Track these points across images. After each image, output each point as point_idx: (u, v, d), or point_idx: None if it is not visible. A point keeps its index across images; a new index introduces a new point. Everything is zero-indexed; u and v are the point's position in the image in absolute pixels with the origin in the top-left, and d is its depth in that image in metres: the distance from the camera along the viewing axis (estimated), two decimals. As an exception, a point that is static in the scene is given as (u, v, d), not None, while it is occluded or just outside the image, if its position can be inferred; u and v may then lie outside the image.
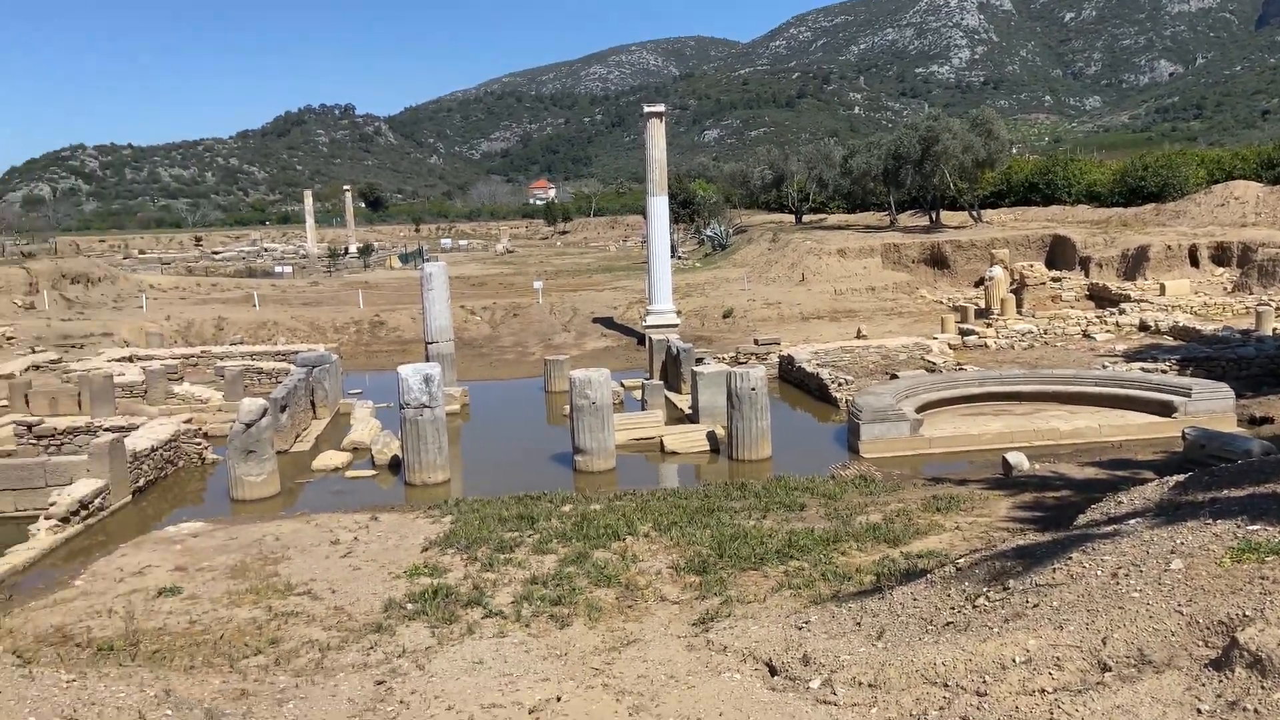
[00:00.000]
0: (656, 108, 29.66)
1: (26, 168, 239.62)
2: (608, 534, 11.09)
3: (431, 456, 16.81)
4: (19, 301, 36.29)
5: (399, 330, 34.45)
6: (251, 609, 9.04)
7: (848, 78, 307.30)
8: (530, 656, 7.58)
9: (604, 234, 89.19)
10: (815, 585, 8.93)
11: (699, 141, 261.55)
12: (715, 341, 30.46)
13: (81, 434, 17.91)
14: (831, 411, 21.33)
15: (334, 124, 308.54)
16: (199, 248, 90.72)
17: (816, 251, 40.41)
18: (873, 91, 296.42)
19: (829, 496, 12.74)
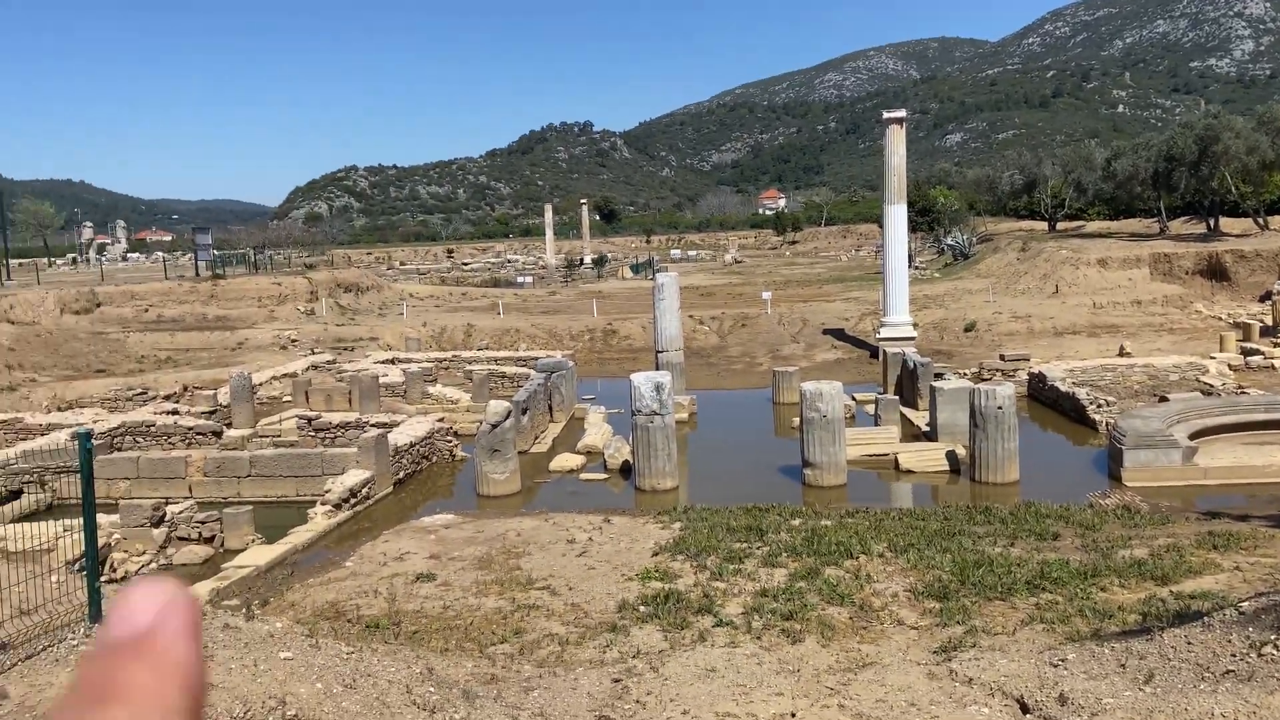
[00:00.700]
0: (896, 113, 28.78)
1: (308, 188, 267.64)
2: (840, 551, 10.80)
3: (661, 463, 17.09)
4: (301, 308, 40.48)
5: (630, 339, 35.40)
6: (497, 599, 9.53)
7: (1111, 74, 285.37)
8: (763, 669, 7.50)
9: (835, 243, 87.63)
10: (1071, 621, 8.28)
11: (940, 146, 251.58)
12: (955, 356, 29.09)
13: (351, 429, 19.66)
14: (1089, 435, 19.78)
15: (573, 140, 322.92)
16: (450, 259, 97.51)
17: (1073, 261, 37.69)
18: (1139, 88, 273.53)
19: (1086, 526, 11.79)
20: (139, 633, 0.35)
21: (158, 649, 0.34)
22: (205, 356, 32.25)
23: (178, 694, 0.34)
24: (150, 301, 38.43)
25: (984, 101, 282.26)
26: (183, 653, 0.34)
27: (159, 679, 0.34)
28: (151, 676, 0.34)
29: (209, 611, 7.64)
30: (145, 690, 0.33)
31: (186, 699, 0.34)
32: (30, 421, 21.66)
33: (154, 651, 0.34)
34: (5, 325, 31.49)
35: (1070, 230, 53.37)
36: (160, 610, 0.35)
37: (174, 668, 0.34)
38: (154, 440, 20.02)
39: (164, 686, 0.34)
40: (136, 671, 0.34)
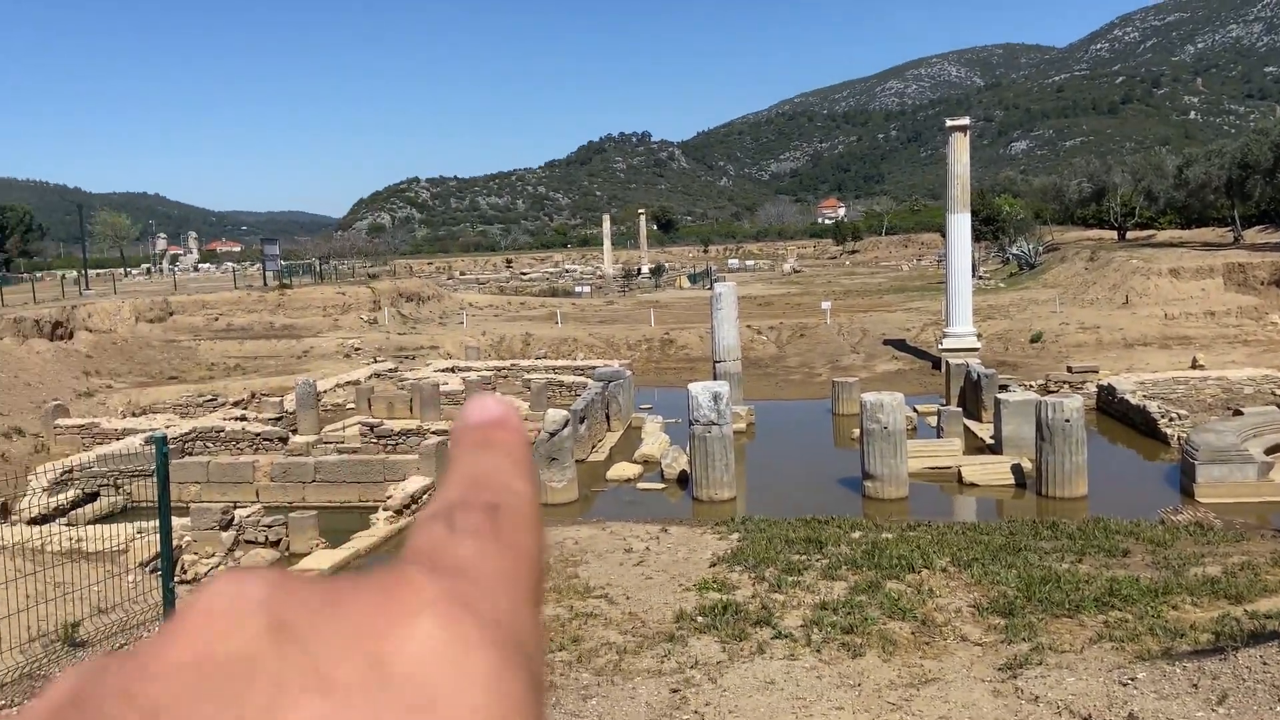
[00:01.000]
0: (960, 121, 28.39)
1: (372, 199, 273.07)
2: (901, 565, 10.65)
3: (719, 473, 17.05)
4: (365, 317, 41.27)
5: (687, 348, 35.38)
6: (555, 607, 9.59)
7: (1182, 80, 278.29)
8: (823, 683, 7.43)
9: (895, 253, 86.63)
10: (1141, 639, 8.05)
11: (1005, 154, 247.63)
12: (1021, 368, 28.53)
13: (413, 436, 19.98)
14: (1160, 449, 19.24)
15: (631, 151, 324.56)
16: (509, 269, 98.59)
17: (1143, 271, 36.75)
18: (1212, 94, 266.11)
19: (1157, 543, 11.46)
20: (496, 416, 0.43)
21: (512, 424, 0.42)
22: (272, 364, 33.05)
23: (529, 453, 0.42)
24: (220, 310, 39.53)
25: (1050, 108, 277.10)
26: (524, 431, 0.43)
27: (522, 444, 0.42)
28: (516, 439, 0.42)
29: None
30: (513, 448, 0.41)
31: (533, 470, 0.42)
32: (106, 426, 22.42)
33: (513, 427, 0.42)
34: (84, 333, 32.65)
35: (1141, 239, 52.08)
36: (507, 407, 0.44)
37: (524, 436, 0.43)
38: (223, 445, 20.57)
39: (521, 443, 0.42)
40: (504, 435, 0.42)
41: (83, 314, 33.60)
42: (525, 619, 0.37)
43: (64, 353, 30.31)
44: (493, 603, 0.36)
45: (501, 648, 0.34)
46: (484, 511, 0.39)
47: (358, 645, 0.32)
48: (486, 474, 0.41)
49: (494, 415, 0.43)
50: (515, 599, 0.37)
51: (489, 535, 0.39)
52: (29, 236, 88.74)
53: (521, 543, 0.39)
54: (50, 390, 26.49)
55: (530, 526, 0.40)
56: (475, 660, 0.33)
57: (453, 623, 0.34)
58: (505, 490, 0.41)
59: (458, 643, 0.33)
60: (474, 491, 0.40)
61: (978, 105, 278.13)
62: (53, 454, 21.58)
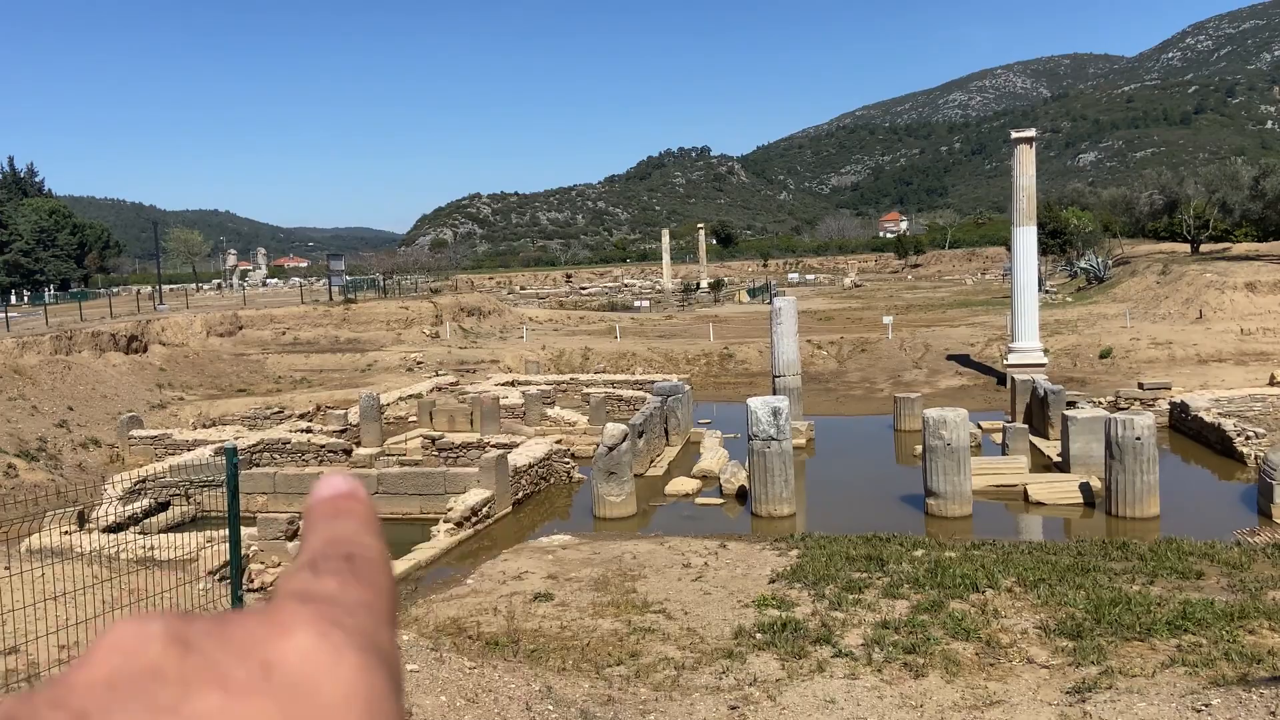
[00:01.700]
0: (1026, 132, 27.91)
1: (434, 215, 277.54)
2: (965, 584, 10.44)
3: (778, 489, 16.93)
4: (427, 331, 41.91)
5: (746, 363, 35.22)
6: (613, 621, 9.60)
7: (1258, 89, 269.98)
8: (884, 703, 7.32)
9: (959, 267, 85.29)
10: (1216, 664, 7.78)
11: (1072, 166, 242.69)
12: (1089, 384, 27.84)
13: (473, 449, 20.21)
14: (1236, 468, 18.61)
15: (690, 165, 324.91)
16: (569, 284, 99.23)
17: (1218, 285, 35.64)
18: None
19: (1233, 565, 11.07)
20: (345, 490, 0.51)
21: (361, 497, 0.51)
22: (337, 377, 33.73)
23: (376, 524, 0.51)
24: (287, 325, 40.50)
25: (1120, 119, 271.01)
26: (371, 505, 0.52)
27: (367, 510, 0.51)
28: (362, 507, 0.50)
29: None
30: (360, 513, 0.50)
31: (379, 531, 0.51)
32: (178, 437, 23.09)
33: (359, 498, 0.51)
34: (158, 347, 33.70)
35: (1215, 252, 50.53)
36: (353, 481, 0.52)
37: (370, 505, 0.51)
38: (289, 457, 21.04)
39: (368, 511, 0.51)
40: (351, 504, 0.50)
41: (157, 328, 34.70)
42: (385, 634, 0.46)
43: (139, 366, 31.32)
44: (356, 620, 0.45)
45: (366, 651, 0.43)
46: (342, 559, 0.48)
47: (248, 653, 0.41)
48: (340, 534, 0.49)
49: (342, 489, 0.51)
50: (375, 619, 0.46)
51: (348, 574, 0.47)
52: (107, 253, 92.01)
53: (376, 580, 0.48)
54: (125, 402, 27.39)
55: (382, 569, 0.49)
56: (346, 659, 0.42)
57: (324, 633, 0.43)
58: (358, 544, 0.49)
59: (330, 647, 0.43)
60: (331, 546, 0.48)
61: (1044, 116, 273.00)
62: (127, 464, 22.30)
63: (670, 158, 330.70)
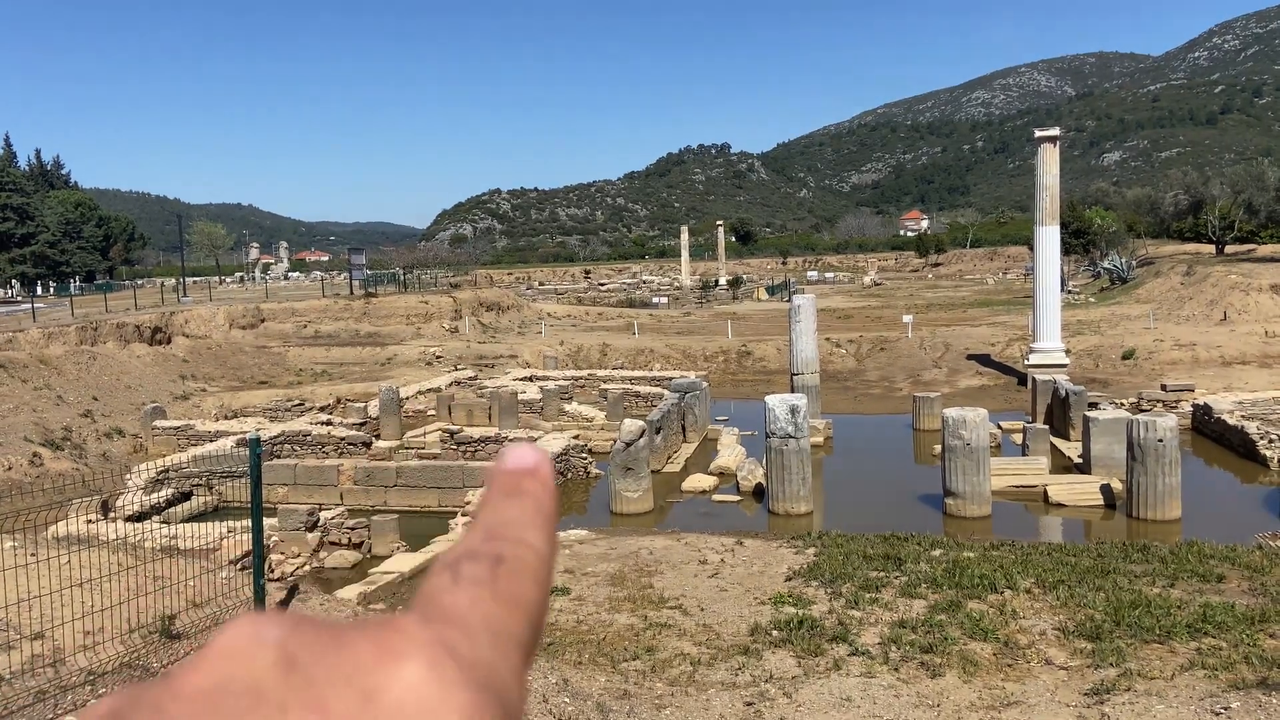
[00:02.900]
0: (1049, 131, 27.71)
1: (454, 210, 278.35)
2: (983, 585, 10.40)
3: (795, 487, 16.91)
4: (446, 326, 42.09)
5: (764, 360, 35.18)
6: (629, 616, 9.63)
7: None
8: (901, 701, 7.31)
9: (980, 266, 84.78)
10: (1236, 668, 7.72)
11: (1096, 165, 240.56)
12: (1111, 385, 27.65)
13: (491, 443, 20.29)
14: (1259, 471, 18.45)
15: (710, 162, 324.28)
16: (587, 280, 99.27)
17: (1243, 286, 35.28)
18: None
19: (1254, 569, 10.97)
20: (530, 465, 0.48)
21: (542, 475, 0.48)
22: (357, 370, 33.93)
23: (554, 504, 0.48)
24: (309, 318, 40.77)
25: (1145, 118, 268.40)
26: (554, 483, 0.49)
27: (546, 494, 0.48)
28: (542, 490, 0.48)
29: (360, 612, 8.03)
30: (536, 498, 0.47)
31: (557, 512, 0.48)
32: (200, 429, 23.31)
33: (541, 478, 0.48)
34: (181, 339, 34.02)
35: (1240, 254, 50.01)
36: (541, 456, 0.49)
37: (552, 488, 0.49)
38: (309, 449, 21.20)
39: (548, 495, 0.48)
40: (531, 484, 0.48)
41: (180, 320, 35.02)
42: (507, 666, 0.42)
43: (162, 357, 31.63)
44: (477, 649, 0.41)
45: (479, 689, 0.39)
46: (488, 562, 0.44)
47: (353, 680, 0.38)
48: (504, 524, 0.46)
49: (528, 463, 0.48)
50: (501, 647, 0.42)
51: (487, 585, 0.43)
52: (131, 245, 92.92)
53: (519, 594, 0.43)
54: (149, 393, 27.67)
55: (533, 579, 0.44)
56: (453, 697, 0.39)
57: (436, 664, 0.39)
58: (517, 543, 0.45)
59: (438, 681, 0.39)
60: (486, 542, 0.45)
61: (1068, 115, 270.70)
62: (150, 454, 22.54)
63: (690, 154, 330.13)
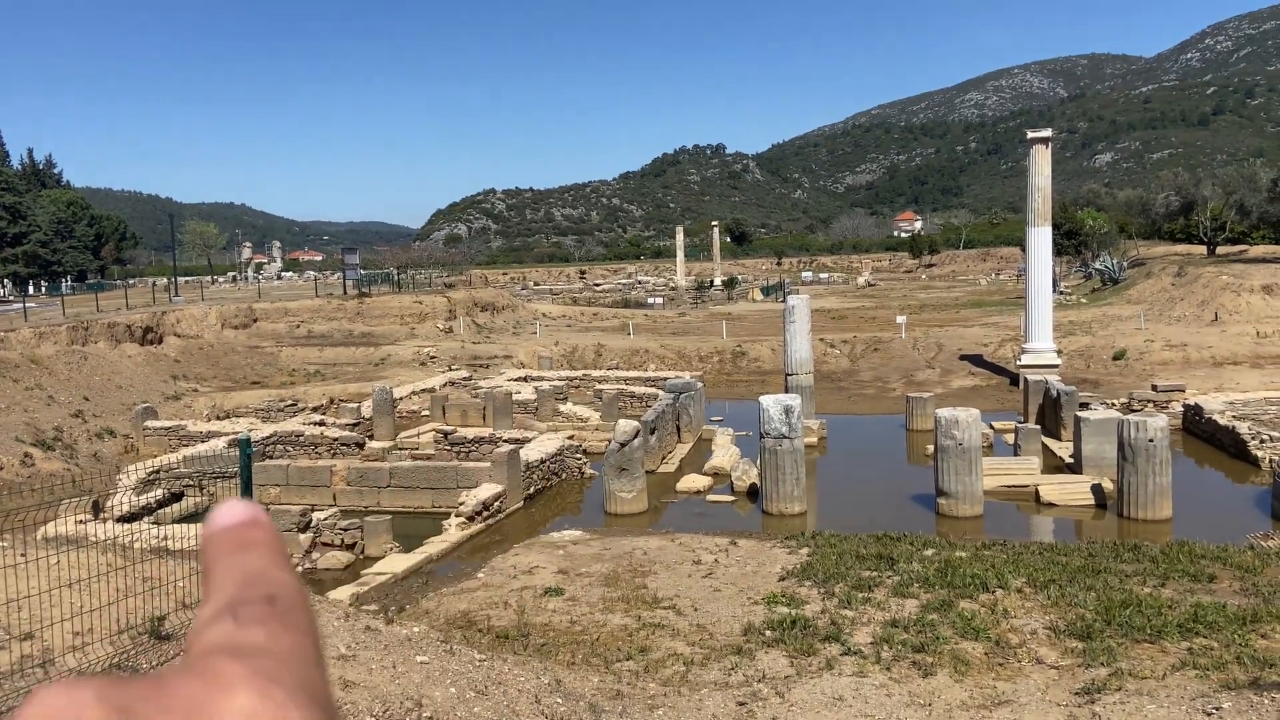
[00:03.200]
0: (1042, 133, 27.78)
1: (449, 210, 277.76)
2: (975, 584, 10.43)
3: (789, 487, 16.93)
4: (441, 326, 42.03)
5: (759, 361, 35.20)
6: (623, 616, 9.63)
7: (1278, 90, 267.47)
8: (892, 701, 7.33)
9: (973, 267, 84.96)
10: (1227, 668, 7.76)
11: (1088, 167, 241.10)
12: (1103, 385, 27.73)
13: (485, 443, 20.27)
14: (1250, 472, 18.51)
15: (705, 163, 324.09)
16: (583, 280, 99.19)
17: (1234, 287, 35.41)
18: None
19: (1245, 569, 11.01)
20: (246, 517, 0.48)
21: (264, 524, 0.48)
22: (350, 371, 33.87)
23: (285, 554, 0.48)
24: (302, 318, 40.67)
25: (1137, 120, 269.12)
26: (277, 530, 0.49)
27: (274, 539, 0.48)
28: (268, 536, 0.48)
29: (351, 614, 8.02)
30: (267, 544, 0.47)
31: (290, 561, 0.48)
32: (192, 429, 23.25)
33: (262, 525, 0.48)
34: (173, 338, 33.92)
35: (1232, 255, 50.20)
36: (253, 507, 0.49)
37: (275, 530, 0.48)
38: (302, 449, 21.15)
39: (276, 537, 0.48)
40: (256, 533, 0.47)
41: (172, 320, 34.91)
42: (321, 682, 0.44)
43: (154, 357, 31.53)
44: (293, 673, 0.43)
45: (309, 706, 0.42)
46: (262, 603, 0.45)
47: (191, 715, 0.39)
48: (253, 571, 0.46)
49: (243, 517, 0.48)
50: (309, 668, 0.44)
51: (274, 619, 0.45)
52: (123, 245, 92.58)
53: (301, 622, 0.45)
54: (140, 393, 27.58)
55: (304, 609, 0.47)
56: (291, 715, 0.41)
57: (265, 692, 0.41)
58: (274, 582, 0.46)
59: (274, 706, 0.41)
60: (247, 588, 0.45)
61: (1060, 117, 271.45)
62: (141, 454, 22.47)
63: (685, 155, 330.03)
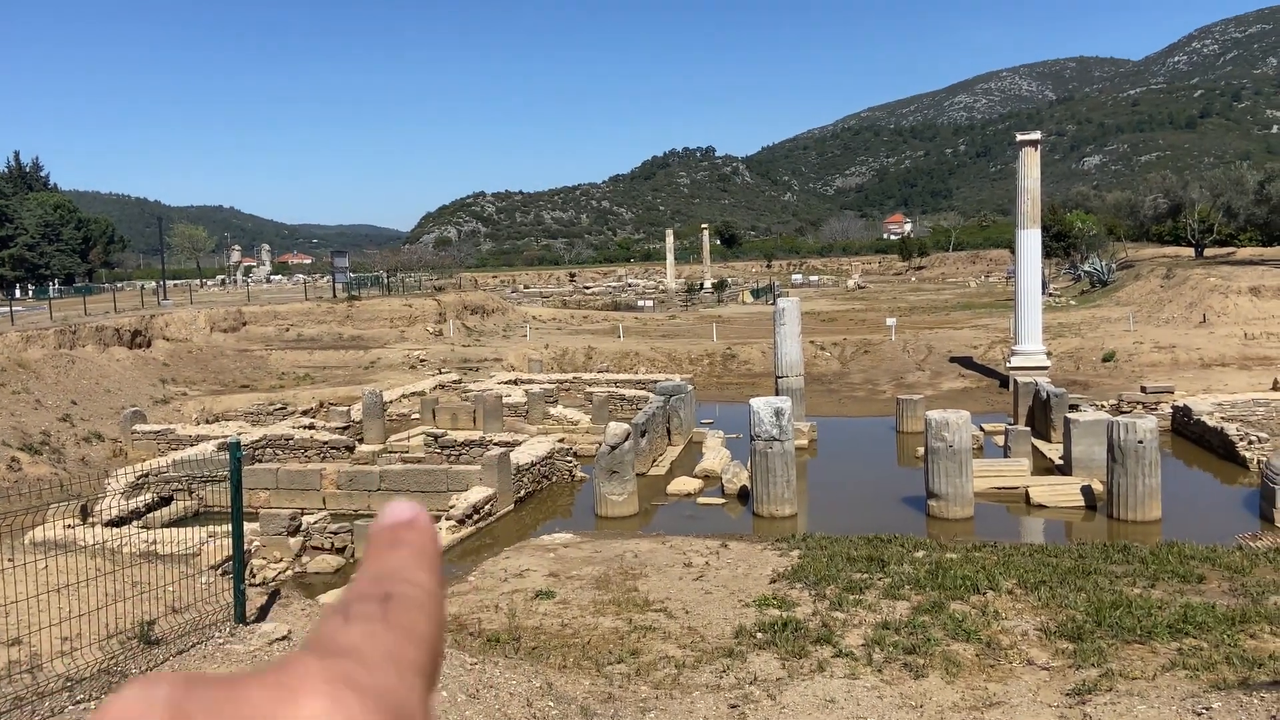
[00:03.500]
0: (1031, 135, 27.90)
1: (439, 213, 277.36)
2: (966, 586, 10.45)
3: (779, 489, 16.94)
4: (430, 329, 41.94)
5: (749, 363, 35.24)
6: (614, 619, 9.61)
7: (1265, 93, 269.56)
8: (884, 703, 7.33)
9: (963, 269, 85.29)
10: (1217, 668, 7.79)
11: (1077, 169, 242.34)
12: (1092, 387, 27.85)
13: (475, 447, 20.23)
14: (1238, 473, 18.61)
15: (695, 166, 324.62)
16: (573, 283, 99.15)
17: (1222, 289, 35.63)
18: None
19: (1234, 570, 11.06)
20: (407, 518, 0.50)
21: (419, 524, 0.49)
22: (340, 374, 33.76)
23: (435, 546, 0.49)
24: (291, 321, 40.54)
25: (1125, 123, 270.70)
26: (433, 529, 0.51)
27: (427, 540, 0.49)
28: (421, 537, 0.49)
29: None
30: (417, 545, 0.48)
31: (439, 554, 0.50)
32: (181, 433, 23.13)
33: (419, 527, 0.49)
34: (161, 342, 33.75)
35: (1219, 257, 50.51)
36: (416, 509, 0.50)
37: (432, 533, 0.50)
38: (291, 453, 21.07)
39: (427, 540, 0.49)
40: (410, 533, 0.49)
41: (160, 323, 34.75)
42: (411, 693, 0.42)
43: (142, 361, 31.37)
44: (378, 679, 0.41)
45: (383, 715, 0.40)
46: (377, 601, 0.45)
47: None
48: (390, 569, 0.46)
49: (404, 517, 0.49)
50: (402, 675, 0.42)
51: (379, 620, 0.44)
52: (111, 248, 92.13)
53: (412, 625, 0.44)
54: (129, 397, 27.44)
55: (423, 612, 0.45)
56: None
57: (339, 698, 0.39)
58: (404, 582, 0.46)
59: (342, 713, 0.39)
60: (373, 585, 0.46)
61: (1049, 119, 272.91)
62: (130, 459, 22.34)
63: (675, 158, 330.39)
